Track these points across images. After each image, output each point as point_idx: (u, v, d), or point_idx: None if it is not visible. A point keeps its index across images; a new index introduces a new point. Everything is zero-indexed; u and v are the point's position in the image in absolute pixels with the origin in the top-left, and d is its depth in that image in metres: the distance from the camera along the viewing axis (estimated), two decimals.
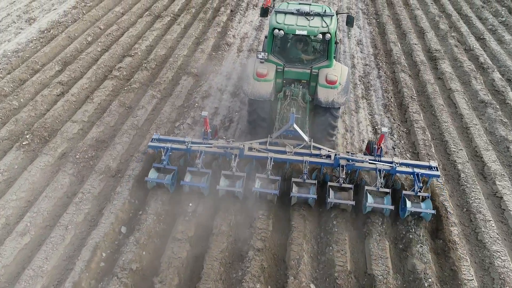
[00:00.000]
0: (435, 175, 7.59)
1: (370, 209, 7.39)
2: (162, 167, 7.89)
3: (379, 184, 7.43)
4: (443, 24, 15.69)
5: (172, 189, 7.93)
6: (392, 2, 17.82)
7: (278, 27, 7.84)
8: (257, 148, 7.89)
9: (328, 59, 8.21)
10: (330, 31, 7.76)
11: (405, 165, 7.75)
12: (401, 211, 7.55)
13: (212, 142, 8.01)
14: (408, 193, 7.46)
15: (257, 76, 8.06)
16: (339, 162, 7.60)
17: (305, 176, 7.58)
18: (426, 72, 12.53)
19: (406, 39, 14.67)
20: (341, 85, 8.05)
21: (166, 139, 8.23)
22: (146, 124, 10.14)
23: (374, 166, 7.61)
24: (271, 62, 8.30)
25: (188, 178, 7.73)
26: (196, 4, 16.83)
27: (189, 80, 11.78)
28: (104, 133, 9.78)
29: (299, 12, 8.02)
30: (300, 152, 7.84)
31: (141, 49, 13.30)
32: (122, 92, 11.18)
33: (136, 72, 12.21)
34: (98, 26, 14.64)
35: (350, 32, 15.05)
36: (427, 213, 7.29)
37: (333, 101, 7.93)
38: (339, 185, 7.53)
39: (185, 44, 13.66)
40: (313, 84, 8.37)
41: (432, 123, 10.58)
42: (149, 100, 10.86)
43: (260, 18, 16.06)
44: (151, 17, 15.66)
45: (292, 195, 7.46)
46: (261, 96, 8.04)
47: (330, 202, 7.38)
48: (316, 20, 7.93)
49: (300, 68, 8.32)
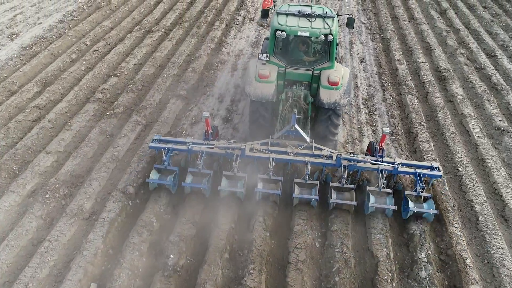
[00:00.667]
0: (436, 175, 7.64)
1: (372, 209, 7.37)
2: (163, 168, 7.85)
3: (381, 185, 7.43)
4: (451, 40, 14.78)
5: (174, 190, 7.94)
6: (396, 16, 16.93)
7: (280, 29, 7.84)
8: (259, 149, 7.89)
9: (330, 61, 8.23)
10: (332, 32, 7.79)
11: (407, 166, 7.79)
12: (404, 211, 7.56)
13: (214, 143, 7.98)
14: (410, 194, 7.49)
15: (259, 77, 8.06)
16: (341, 162, 7.60)
17: (307, 176, 7.54)
18: (435, 94, 11.57)
19: (413, 57, 13.74)
20: (343, 86, 8.06)
21: (167, 140, 8.23)
22: (127, 155, 9.16)
23: (376, 166, 7.63)
24: (273, 63, 8.30)
25: (189, 179, 7.70)
26: (190, 18, 15.95)
27: (177, 103, 10.82)
28: (80, 166, 8.80)
29: (300, 14, 8.04)
30: (302, 153, 7.84)
31: (128, 68, 12.37)
32: (104, 118, 10.22)
33: (120, 94, 11.27)
34: (84, 42, 13.73)
35: (353, 49, 14.14)
36: (430, 214, 7.32)
37: (335, 102, 7.93)
38: (341, 186, 7.52)
39: (176, 63, 12.74)
40: (314, 85, 8.41)
41: (444, 154, 9.59)
42: (133, 127, 9.89)
43: (257, 33, 15.17)
44: (141, 32, 14.76)
45: (294, 196, 7.43)
46: (263, 97, 8.03)
47: (332, 202, 7.38)
48: (318, 22, 7.95)
49: (301, 69, 8.36)
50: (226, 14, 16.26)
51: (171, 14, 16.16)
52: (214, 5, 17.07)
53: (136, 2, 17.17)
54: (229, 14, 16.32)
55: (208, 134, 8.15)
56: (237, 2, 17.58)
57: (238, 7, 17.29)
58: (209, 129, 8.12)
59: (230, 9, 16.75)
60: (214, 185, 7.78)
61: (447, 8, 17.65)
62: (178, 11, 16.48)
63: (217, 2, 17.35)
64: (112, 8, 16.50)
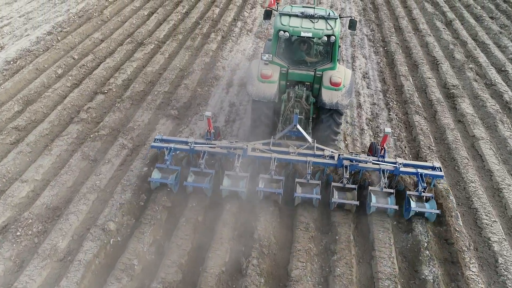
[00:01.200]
0: (438, 175, 7.60)
1: (374, 209, 7.37)
2: (165, 167, 7.81)
3: (383, 184, 7.41)
4: (459, 53, 14.06)
5: (176, 189, 7.88)
6: (400, 27, 16.22)
7: (283, 29, 7.89)
8: (261, 149, 7.88)
9: (332, 62, 8.30)
10: (334, 33, 7.84)
11: (409, 166, 7.78)
12: (405, 211, 7.53)
13: (215, 142, 7.98)
14: (412, 193, 7.46)
15: (261, 77, 8.08)
16: (342, 162, 7.62)
17: (309, 176, 7.55)
18: (444, 114, 10.81)
19: (419, 72, 13.00)
20: (345, 87, 8.10)
21: (169, 139, 8.22)
22: (110, 184, 8.38)
23: (378, 166, 7.61)
24: (275, 64, 8.34)
25: (191, 178, 7.69)
26: (184, 29, 15.25)
27: (167, 124, 10.07)
28: (58, 197, 8.03)
29: (303, 15, 8.11)
30: (304, 153, 7.83)
31: (116, 84, 11.64)
32: (88, 140, 9.46)
33: (107, 114, 10.51)
34: (72, 56, 13.02)
35: (355, 63, 13.41)
36: (432, 213, 7.29)
37: (337, 103, 7.97)
38: (343, 186, 7.53)
39: (168, 78, 12.01)
40: (316, 86, 8.43)
41: (456, 183, 8.81)
42: (118, 152, 9.13)
43: (254, 45, 14.46)
44: (133, 44, 14.05)
45: (296, 195, 7.42)
46: (265, 97, 8.04)
47: (334, 202, 7.39)
48: (320, 23, 8.00)
49: (304, 70, 8.40)
50: (223, 25, 15.57)
51: (165, 26, 15.47)
52: (210, 15, 16.39)
53: (129, 12, 16.51)
54: (225, 25, 15.63)
55: (210, 133, 8.14)
56: (234, 13, 16.91)
57: (235, 17, 16.61)
58: (211, 128, 8.10)
59: (226, 20, 16.06)
60: (216, 187, 7.70)
61: (453, 19, 16.96)
62: (173, 22, 15.79)
63: (213, 13, 16.67)
64: (103, 19, 15.83)
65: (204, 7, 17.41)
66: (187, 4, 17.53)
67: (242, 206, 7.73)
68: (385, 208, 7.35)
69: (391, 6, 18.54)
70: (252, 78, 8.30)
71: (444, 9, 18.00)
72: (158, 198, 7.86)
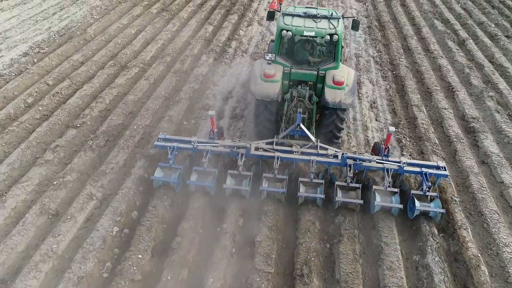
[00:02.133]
0: (443, 174, 7.56)
1: (378, 208, 7.32)
2: (168, 166, 7.78)
3: (387, 184, 7.35)
4: (476, 79, 12.69)
5: (178, 189, 7.78)
6: (409, 48, 14.89)
7: (286, 28, 7.94)
8: (264, 148, 7.86)
9: (335, 61, 8.30)
10: (337, 32, 7.88)
11: (413, 165, 7.73)
12: (410, 210, 7.49)
13: (219, 142, 7.93)
14: (416, 193, 7.39)
15: (264, 76, 8.11)
16: (346, 161, 7.57)
17: (312, 175, 7.51)
18: (465, 154, 9.40)
19: (433, 101, 11.63)
20: (348, 86, 8.12)
21: (172, 138, 8.14)
22: (69, 249, 6.95)
23: (382, 165, 7.57)
24: (278, 63, 8.37)
25: (194, 177, 7.62)
26: (173, 50, 13.93)
27: (146, 166, 8.67)
28: (5, 267, 6.60)
29: (306, 15, 8.20)
30: (307, 152, 7.81)
31: (91, 116, 10.28)
32: (50, 188, 8.06)
33: (77, 154, 9.13)
34: (46, 82, 11.70)
35: (361, 90, 12.04)
36: (436, 212, 7.23)
37: (340, 101, 7.99)
38: (346, 185, 7.46)
39: (150, 109, 10.64)
40: (319, 85, 8.44)
41: (487, 245, 7.36)
42: (84, 204, 7.72)
43: (249, 68, 13.10)
44: (115, 68, 12.72)
45: (300, 194, 7.39)
46: (268, 96, 8.07)
47: (338, 201, 7.31)
48: (323, 22, 8.07)
49: (307, 69, 8.40)
50: (215, 45, 14.26)
51: (153, 46, 14.17)
52: (202, 34, 15.10)
53: (115, 30, 15.22)
54: (218, 45, 14.32)
55: (213, 133, 8.08)
56: (229, 31, 15.61)
57: (229, 37, 15.31)
58: (214, 128, 8.06)
59: (220, 39, 14.76)
60: (219, 188, 7.63)
61: (466, 38, 15.63)
62: (161, 42, 14.50)
63: (206, 31, 15.38)
64: (86, 38, 14.54)
65: (197, 24, 16.14)
66: (178, 21, 16.26)
67: None
68: (389, 207, 7.27)
69: (398, 23, 17.24)
70: (255, 77, 8.32)
71: (456, 27, 16.69)
72: (125, 269, 6.43)
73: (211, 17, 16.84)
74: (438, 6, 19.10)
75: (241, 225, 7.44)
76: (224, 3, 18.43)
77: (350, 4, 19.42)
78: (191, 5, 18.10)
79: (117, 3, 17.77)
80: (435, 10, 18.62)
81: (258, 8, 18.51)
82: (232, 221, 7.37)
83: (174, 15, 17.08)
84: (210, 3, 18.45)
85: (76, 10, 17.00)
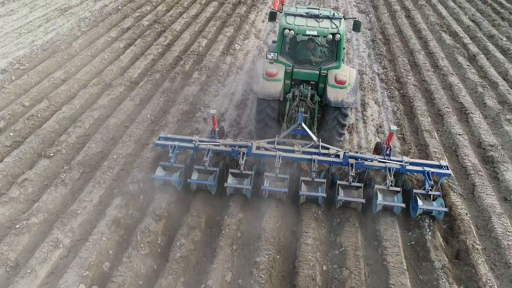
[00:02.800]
0: (446, 173, 7.52)
1: (380, 207, 7.25)
2: (169, 165, 7.71)
3: (389, 183, 7.31)
4: (490, 99, 11.68)
5: (180, 188, 7.74)
6: (417, 64, 13.91)
7: (289, 28, 7.98)
8: (265, 147, 7.84)
9: (337, 61, 8.32)
10: (340, 31, 7.92)
11: (415, 164, 7.68)
12: (412, 210, 7.38)
13: (220, 141, 7.94)
14: (419, 192, 7.31)
15: (266, 75, 8.13)
16: (348, 160, 7.56)
17: (314, 174, 7.45)
18: (484, 189, 8.35)
19: (445, 125, 10.59)
20: (350, 86, 8.11)
21: (173, 138, 8.10)
22: None
23: (384, 164, 7.54)
24: (280, 62, 8.38)
25: (195, 176, 7.56)
26: (163, 66, 12.97)
27: (122, 206, 7.61)
28: None
29: (308, 15, 8.26)
30: (309, 151, 7.77)
31: (67, 144, 9.27)
32: (11, 233, 7.01)
33: (46, 189, 8.10)
34: (22, 103, 10.71)
35: (366, 112, 11.02)
36: (439, 211, 7.13)
37: (343, 100, 7.97)
38: (348, 184, 7.41)
39: (134, 135, 9.63)
40: (321, 85, 8.45)
41: None
42: (49, 253, 6.66)
43: (244, 87, 12.11)
44: (99, 87, 11.74)
45: (301, 193, 7.33)
46: (271, 95, 8.08)
47: (340, 200, 7.29)
48: (325, 22, 8.13)
49: (309, 69, 8.42)
50: (209, 61, 13.29)
51: (142, 62, 13.21)
52: (195, 49, 14.14)
53: (102, 44, 14.26)
54: (212, 61, 13.35)
55: (214, 132, 8.13)
56: (224, 45, 14.65)
57: (224, 51, 14.34)
58: (215, 127, 8.11)
59: (214, 54, 13.80)
60: (220, 188, 7.64)
61: (477, 53, 14.64)
62: (151, 57, 13.54)
63: (200, 45, 14.44)
64: (71, 53, 13.59)
65: (190, 38, 15.21)
66: (171, 34, 15.33)
67: None
68: (391, 206, 7.20)
69: (404, 37, 16.28)
70: (257, 76, 8.33)
71: (465, 41, 15.72)
72: None
73: (205, 29, 15.90)
74: (445, 17, 18.16)
75: (229, 281, 6.38)
76: (219, 15, 17.50)
77: (352, 15, 18.49)
78: (185, 17, 17.21)
79: (107, 14, 16.87)
80: (442, 22, 17.68)
81: (256, 20, 17.58)
82: (218, 277, 6.31)
83: (167, 27, 16.17)
84: (205, 15, 17.53)
85: (63, 22, 16.08)
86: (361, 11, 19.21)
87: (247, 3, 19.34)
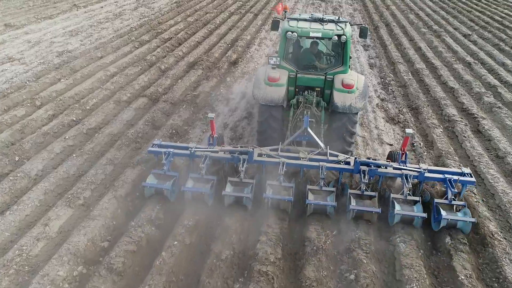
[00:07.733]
0: (470, 181, 6.80)
1: (398, 218, 6.49)
2: (162, 173, 7.09)
3: (407, 191, 6.64)
4: None
5: (173, 197, 7.06)
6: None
7: (291, 30, 7.62)
8: (268, 153, 7.32)
9: (344, 65, 7.93)
10: (345, 33, 7.54)
11: (435, 172, 6.99)
12: (434, 221, 6.59)
13: (218, 148, 7.37)
14: (441, 202, 6.60)
15: (268, 80, 7.74)
16: (359, 167, 6.89)
17: (322, 182, 6.83)
18: None
19: None
20: (358, 90, 7.66)
21: (167, 145, 7.54)
22: None
23: (400, 172, 6.87)
24: (283, 68, 8.00)
25: (190, 184, 6.91)
26: None
27: None
28: None
29: (312, 18, 8.01)
30: (316, 158, 7.22)
31: None
32: None
33: None
34: None
35: None
36: (466, 223, 6.34)
37: (351, 105, 7.49)
38: (361, 193, 6.73)
39: None
40: (327, 91, 8.04)
41: None
42: None
43: (239, 146, 9.67)
44: None
45: (308, 202, 6.61)
46: (273, 100, 7.62)
47: (352, 209, 6.50)
48: (330, 25, 7.79)
49: (313, 74, 8.05)
50: (203, 94, 11.13)
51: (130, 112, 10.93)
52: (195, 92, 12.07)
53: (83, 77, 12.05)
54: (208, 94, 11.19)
55: (212, 138, 7.56)
56: (216, 81, 12.63)
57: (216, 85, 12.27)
58: (214, 133, 7.57)
59: None
60: (218, 194, 6.84)
61: None
62: None
63: (192, 81, 12.40)
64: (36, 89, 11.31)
65: None
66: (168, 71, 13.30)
67: None
68: (411, 216, 6.44)
69: (420, 76, 14.26)
70: (258, 82, 7.91)
71: None
72: None
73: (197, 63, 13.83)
74: (458, 52, 16.67)
75: None
76: (204, 64, 13.99)
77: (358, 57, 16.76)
78: None
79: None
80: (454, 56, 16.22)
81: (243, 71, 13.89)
82: None
83: None
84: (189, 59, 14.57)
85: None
86: (367, 48, 17.48)
87: None
